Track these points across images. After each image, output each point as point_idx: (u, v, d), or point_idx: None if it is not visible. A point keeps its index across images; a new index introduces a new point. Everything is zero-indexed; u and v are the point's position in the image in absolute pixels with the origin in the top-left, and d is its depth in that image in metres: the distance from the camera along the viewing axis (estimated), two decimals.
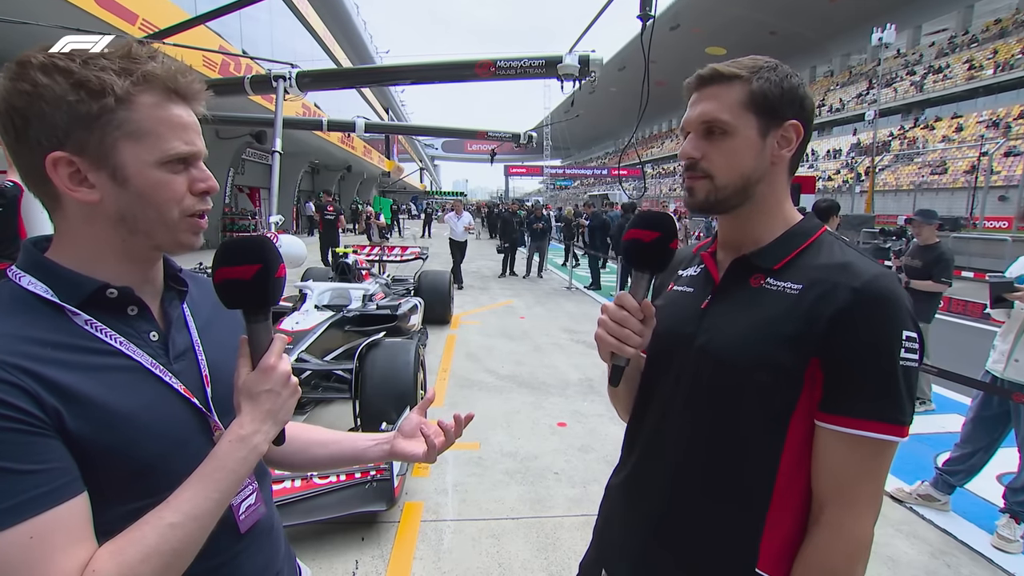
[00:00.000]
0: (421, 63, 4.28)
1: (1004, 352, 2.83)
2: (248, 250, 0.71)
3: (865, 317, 0.77)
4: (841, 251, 0.85)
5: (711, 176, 0.87)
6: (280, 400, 0.73)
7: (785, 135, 0.86)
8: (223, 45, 10.60)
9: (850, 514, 0.79)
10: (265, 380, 0.72)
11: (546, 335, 6.96)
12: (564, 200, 37.12)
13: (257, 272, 0.70)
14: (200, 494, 0.65)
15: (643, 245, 0.88)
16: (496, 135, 7.12)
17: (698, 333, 0.90)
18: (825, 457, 0.80)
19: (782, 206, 0.91)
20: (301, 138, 15.85)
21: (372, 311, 4.46)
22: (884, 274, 0.80)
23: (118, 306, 0.70)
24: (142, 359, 0.69)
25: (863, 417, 0.77)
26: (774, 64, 0.87)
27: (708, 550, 0.87)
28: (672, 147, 65.14)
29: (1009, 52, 30.34)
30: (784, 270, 0.86)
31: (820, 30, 39.26)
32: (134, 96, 0.65)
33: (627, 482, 1.01)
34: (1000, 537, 2.79)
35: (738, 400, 0.85)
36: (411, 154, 66.05)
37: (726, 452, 0.86)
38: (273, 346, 0.74)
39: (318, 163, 26.48)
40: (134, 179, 0.67)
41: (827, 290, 0.80)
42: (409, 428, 0.96)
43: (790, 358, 0.80)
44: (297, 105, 12.84)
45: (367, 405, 3.21)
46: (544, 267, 12.77)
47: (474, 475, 3.31)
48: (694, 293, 0.97)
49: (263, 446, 0.71)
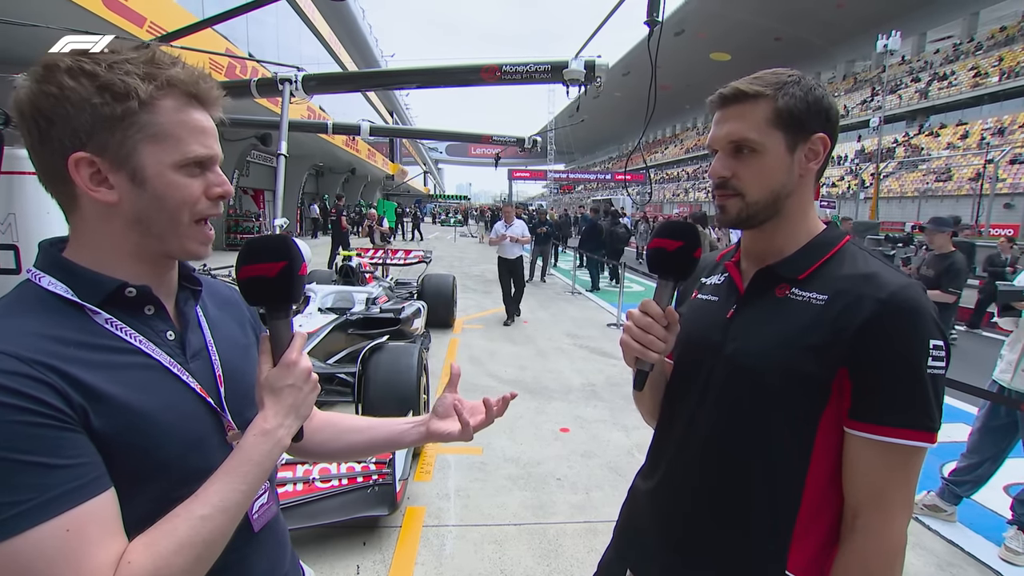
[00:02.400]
0: (427, 67, 4.27)
1: (1012, 362, 2.81)
2: (273, 248, 0.72)
3: (892, 328, 0.79)
4: (865, 261, 0.87)
5: (742, 194, 0.89)
6: (302, 395, 0.74)
7: (813, 148, 0.88)
8: (230, 48, 10.66)
9: (885, 519, 0.81)
10: (287, 375, 0.73)
11: (549, 340, 6.95)
12: (567, 204, 37.27)
13: (282, 269, 0.71)
14: (228, 487, 0.66)
15: (667, 254, 0.90)
16: (500, 139, 7.12)
17: (725, 342, 0.92)
18: (857, 464, 0.82)
19: (807, 216, 0.92)
20: (306, 141, 15.90)
21: (375, 314, 4.46)
22: (910, 285, 0.82)
23: (136, 305, 0.71)
24: (161, 358, 0.71)
25: (894, 425, 0.79)
26: (797, 78, 0.88)
27: (738, 554, 0.89)
28: (676, 152, 65.19)
29: (1015, 59, 30.28)
30: (809, 280, 0.87)
31: (825, 36, 39.29)
32: (157, 100, 0.67)
33: (656, 490, 1.02)
34: (1008, 549, 2.76)
35: (766, 408, 0.86)
36: (415, 157, 66.23)
37: (754, 459, 0.88)
38: (294, 342, 0.75)
39: (322, 166, 26.57)
40: (152, 181, 0.68)
41: (853, 301, 0.82)
42: (443, 408, 0.96)
43: (818, 368, 0.82)
44: (302, 108, 12.90)
45: (369, 409, 3.20)
46: (547, 271, 12.76)
47: (477, 480, 3.30)
48: (719, 302, 0.98)
49: (286, 440, 0.73)
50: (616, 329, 7.63)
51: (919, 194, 27.82)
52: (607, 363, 5.96)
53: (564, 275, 13.00)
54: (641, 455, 3.80)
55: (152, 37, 5.55)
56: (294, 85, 3.97)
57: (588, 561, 2.57)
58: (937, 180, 28.10)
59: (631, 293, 10.77)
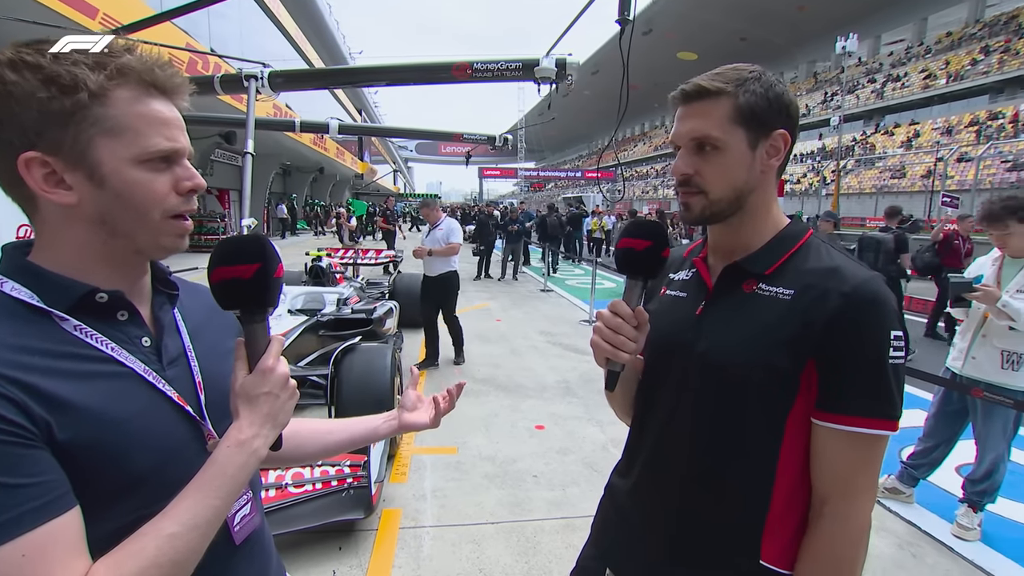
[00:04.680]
0: (397, 64, 4.22)
1: (962, 350, 2.95)
2: (247, 249, 0.69)
3: (856, 321, 0.82)
4: (829, 255, 0.89)
5: (705, 191, 0.90)
6: (279, 403, 0.71)
7: (774, 144, 0.89)
8: (190, 43, 10.31)
9: (851, 504, 0.84)
10: (263, 382, 0.70)
11: (523, 337, 6.97)
12: (538, 203, 37.47)
13: (257, 271, 0.68)
14: (200, 502, 0.63)
15: (636, 254, 0.90)
16: (471, 137, 7.08)
17: (696, 340, 0.93)
18: (824, 453, 0.85)
19: (771, 211, 0.94)
20: (273, 139, 15.55)
21: (347, 315, 4.39)
22: (872, 278, 0.84)
23: (108, 311, 0.67)
24: (135, 365, 0.67)
25: (858, 414, 0.82)
26: (758, 74, 0.88)
27: (715, 548, 0.91)
28: (645, 150, 66.09)
29: (960, 63, 31.79)
30: (775, 275, 0.89)
31: (788, 37, 40.39)
32: (109, 91, 0.63)
33: (634, 487, 1.03)
34: (959, 526, 2.90)
35: (739, 403, 0.88)
36: (384, 156, 65.42)
37: (729, 453, 0.90)
38: (271, 348, 0.72)
39: (290, 165, 26.04)
40: (112, 178, 0.64)
41: (819, 295, 0.84)
42: (410, 402, 1.04)
43: (787, 361, 0.84)
44: (268, 106, 12.59)
45: (343, 411, 3.15)
46: (519, 269, 12.79)
47: (453, 480, 3.29)
48: (687, 298, 0.99)
49: (263, 450, 0.70)
50: (589, 326, 7.70)
51: (876, 190, 28.88)
52: (581, 360, 6.01)
53: (536, 273, 13.06)
54: (616, 450, 3.83)
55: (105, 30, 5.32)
56: (260, 82, 3.87)
57: (566, 557, 2.60)
58: (892, 177, 29.22)
59: (603, 290, 10.89)
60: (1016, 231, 2.76)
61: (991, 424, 2.85)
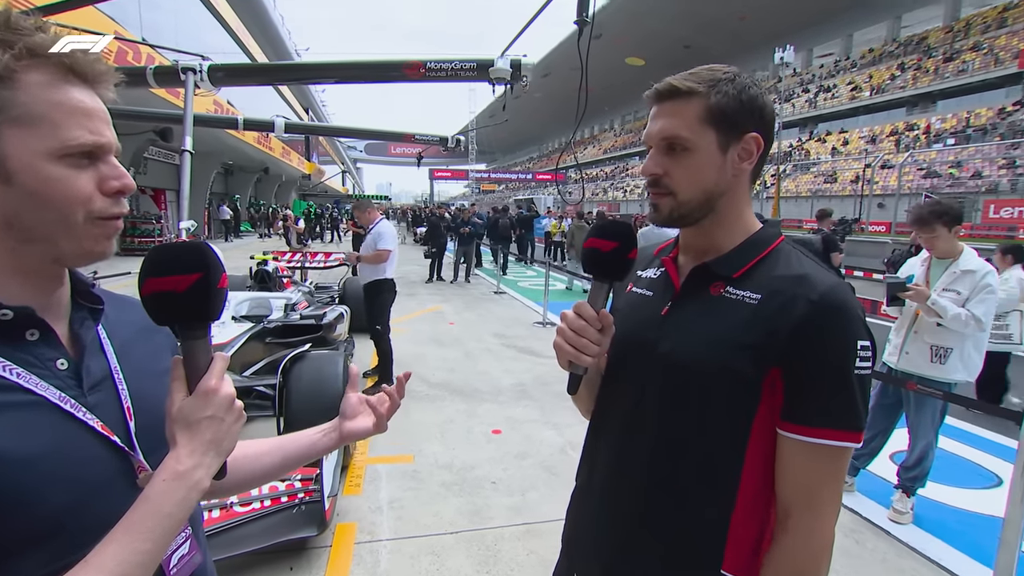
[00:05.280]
0: (348, 61, 4.08)
1: (897, 345, 3.12)
2: (184, 257, 0.61)
3: (822, 329, 0.80)
4: (799, 261, 0.87)
5: (674, 193, 0.88)
6: (224, 427, 0.64)
7: (746, 147, 0.87)
8: (119, 31, 9.65)
9: (815, 517, 0.82)
10: (205, 405, 0.62)
11: (477, 341, 6.91)
12: (488, 204, 37.46)
13: (196, 282, 0.60)
14: (128, 547, 0.55)
15: (601, 255, 0.88)
16: (423, 138, 6.99)
17: (660, 340, 0.90)
18: (787, 464, 0.83)
19: (743, 215, 0.92)
20: (213, 137, 14.81)
21: (295, 321, 4.21)
22: (839, 285, 0.82)
23: (13, 330, 0.58)
24: (47, 393, 0.58)
25: (821, 426, 0.80)
26: (732, 75, 0.86)
27: (675, 554, 0.89)
28: (594, 152, 67.32)
29: (881, 78, 34.26)
30: (743, 279, 0.87)
31: (730, 46, 42.06)
32: (18, 73, 0.55)
33: (594, 490, 1.00)
34: (895, 511, 3.08)
35: (701, 408, 0.86)
36: (333, 156, 63.76)
37: (690, 458, 0.87)
38: (214, 366, 0.64)
39: (232, 164, 24.93)
40: (23, 174, 0.56)
41: (785, 301, 0.82)
42: (351, 409, 0.92)
43: (750, 367, 0.82)
44: (208, 101, 11.97)
45: (293, 422, 3.00)
46: (472, 271, 12.72)
47: (410, 489, 3.20)
48: (654, 297, 0.97)
49: (205, 482, 0.62)
50: (543, 328, 7.73)
51: (811, 194, 30.62)
52: (536, 362, 6.01)
53: (488, 275, 13.04)
54: (575, 452, 3.85)
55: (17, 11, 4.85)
56: (199, 75, 3.66)
57: (528, 564, 2.57)
58: (825, 182, 31.08)
59: (556, 291, 10.98)
60: (942, 234, 2.95)
61: (922, 414, 3.04)
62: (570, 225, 13.37)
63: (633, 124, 64.85)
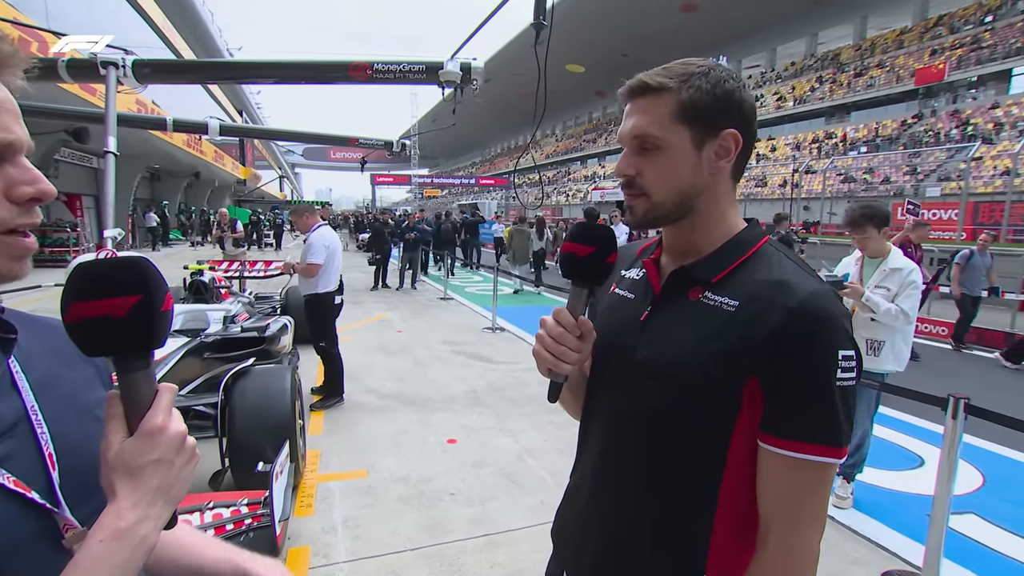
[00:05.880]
0: (291, 61, 3.88)
1: None
2: (120, 275, 0.52)
3: (800, 337, 0.75)
4: (779, 265, 0.83)
5: (647, 194, 0.84)
6: (173, 471, 0.55)
7: (723, 144, 0.82)
8: (18, 18, 8.73)
9: (796, 532, 0.79)
10: (151, 447, 0.54)
11: (426, 348, 6.79)
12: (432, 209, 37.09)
13: (136, 305, 0.51)
14: None
15: (578, 260, 0.85)
16: (368, 142, 6.79)
17: (639, 345, 0.88)
18: (766, 476, 0.80)
19: (725, 215, 0.88)
20: (138, 139, 13.82)
21: (235, 334, 3.96)
22: (819, 292, 0.77)
23: None
24: None
25: (800, 439, 0.76)
26: (706, 69, 0.82)
27: (659, 558, 0.86)
28: (537, 157, 68.11)
29: (802, 89, 36.80)
30: (722, 284, 0.83)
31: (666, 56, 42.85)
32: None
33: (584, 494, 0.97)
34: (837, 496, 3.24)
35: (680, 414, 0.83)
36: (269, 161, 61.38)
37: (669, 468, 0.85)
38: (159, 400, 0.56)
39: (159, 168, 23.42)
40: None
41: (763, 308, 0.77)
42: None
43: (728, 375, 0.79)
44: (131, 100, 11.17)
45: (238, 443, 2.81)
46: (418, 278, 12.52)
47: (365, 507, 3.07)
48: (635, 300, 0.94)
49: (153, 537, 0.53)
50: (492, 333, 7.70)
51: (744, 197, 32.33)
52: (488, 368, 5.97)
53: (435, 281, 12.87)
54: (532, 459, 3.82)
55: None
56: (122, 71, 3.37)
57: None
58: (756, 186, 32.88)
59: (504, 296, 10.98)
60: (872, 235, 3.15)
61: (859, 404, 3.22)
62: (510, 229, 13.43)
63: (574, 129, 66.14)
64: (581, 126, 65.11)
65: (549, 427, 4.27)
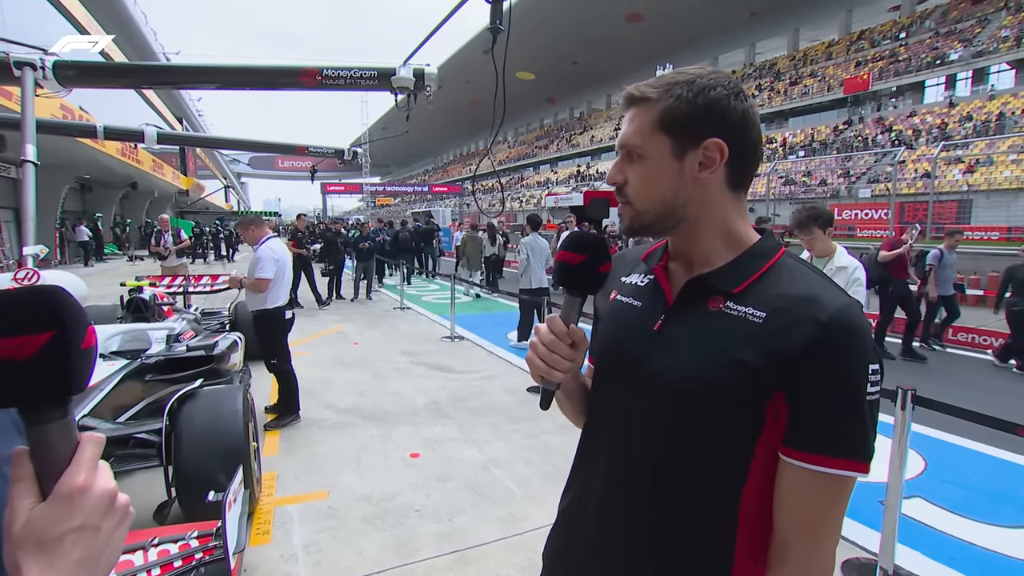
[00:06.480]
0: (236, 66, 3.67)
1: None
2: (26, 309, 0.43)
3: (832, 352, 0.74)
4: (803, 277, 0.81)
5: (631, 202, 0.85)
6: (100, 539, 0.46)
7: (707, 154, 0.80)
8: None
9: (817, 548, 0.78)
10: (69, 512, 0.45)
11: (384, 360, 6.63)
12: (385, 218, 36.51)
13: (46, 344, 0.43)
14: None
15: (570, 268, 0.85)
16: (318, 151, 6.59)
17: (651, 356, 0.84)
18: (789, 492, 0.78)
19: (731, 226, 0.85)
20: (63, 147, 12.99)
21: (180, 354, 3.72)
22: (850, 306, 0.76)
23: None
24: None
25: (828, 454, 0.75)
26: (691, 78, 0.81)
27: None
28: (488, 165, 68.30)
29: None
30: (744, 294, 0.80)
31: (614, 63, 44.83)
32: None
33: (590, 519, 0.92)
34: None
35: (696, 430, 0.80)
36: (213, 170, 59.03)
37: (684, 485, 0.82)
38: (82, 454, 0.47)
39: (90, 178, 22.06)
40: None
41: (791, 321, 0.75)
42: None
43: (753, 390, 0.76)
44: (54, 105, 10.45)
45: (186, 472, 2.63)
46: (373, 288, 12.27)
47: (327, 530, 2.93)
48: (642, 308, 0.90)
49: None
50: (452, 342, 7.61)
51: None
52: (449, 378, 5.88)
53: (391, 291, 12.64)
54: (498, 469, 3.76)
55: None
56: (40, 72, 3.09)
57: None
58: None
59: (462, 303, 10.89)
60: (818, 236, 3.28)
61: None
62: (463, 236, 13.45)
63: (526, 136, 66.81)
64: (533, 132, 65.85)
65: (514, 436, 4.22)
